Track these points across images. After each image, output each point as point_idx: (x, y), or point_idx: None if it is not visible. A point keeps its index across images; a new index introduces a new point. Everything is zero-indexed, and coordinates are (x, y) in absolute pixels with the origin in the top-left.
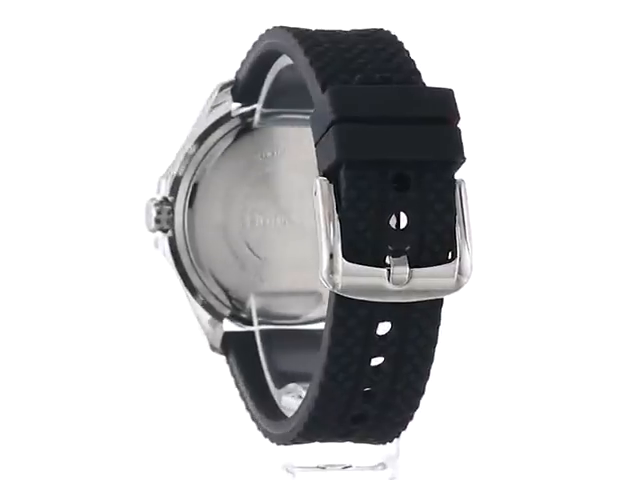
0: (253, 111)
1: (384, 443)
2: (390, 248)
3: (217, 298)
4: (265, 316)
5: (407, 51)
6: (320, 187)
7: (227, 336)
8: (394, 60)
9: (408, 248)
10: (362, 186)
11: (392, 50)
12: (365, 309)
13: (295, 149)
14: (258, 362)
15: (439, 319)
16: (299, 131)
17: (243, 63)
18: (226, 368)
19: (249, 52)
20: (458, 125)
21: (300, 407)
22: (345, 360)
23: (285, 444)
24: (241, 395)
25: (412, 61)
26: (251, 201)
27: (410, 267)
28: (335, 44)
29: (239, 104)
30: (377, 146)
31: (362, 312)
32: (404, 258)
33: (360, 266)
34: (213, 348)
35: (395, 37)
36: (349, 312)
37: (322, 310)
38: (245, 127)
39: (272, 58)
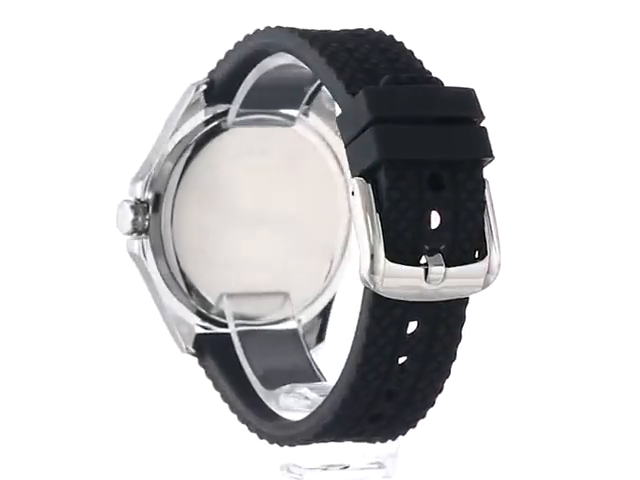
0: (225, 112)
1: (385, 441)
2: (426, 247)
3: (188, 299)
4: (236, 317)
5: (411, 51)
6: (359, 187)
7: (201, 338)
8: (401, 60)
9: (442, 247)
10: (402, 186)
11: (396, 50)
12: (399, 309)
13: (266, 150)
14: (238, 363)
15: (464, 317)
16: (270, 131)
17: (222, 63)
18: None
19: (231, 52)
20: (483, 124)
21: (321, 407)
22: (377, 360)
23: (291, 445)
24: (224, 397)
25: (420, 61)
26: (222, 202)
27: (445, 266)
28: (342, 44)
29: (211, 104)
30: (414, 146)
31: (396, 312)
32: (439, 257)
33: (401, 266)
34: (187, 350)
35: (392, 37)
36: (385, 312)
37: (289, 310)
38: (216, 128)
39: (259, 58)
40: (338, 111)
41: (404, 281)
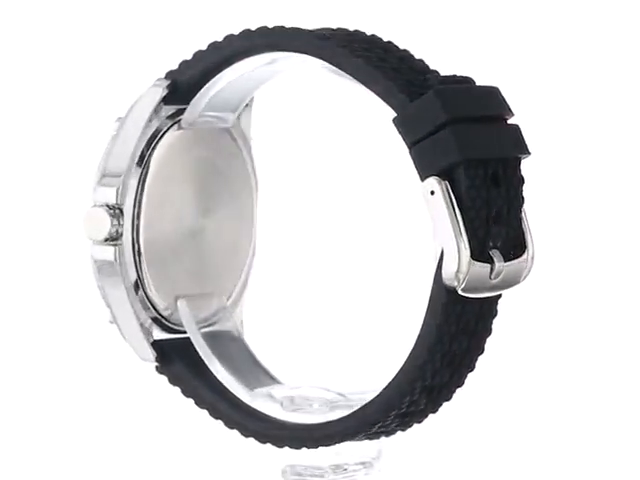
0: (179, 112)
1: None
2: (490, 244)
3: (147, 305)
4: (196, 321)
5: (406, 50)
6: (440, 187)
7: (161, 344)
8: (407, 60)
9: (499, 244)
10: (477, 185)
11: (394, 49)
12: (460, 305)
13: (207, 152)
14: (206, 366)
15: (497, 311)
16: (211, 133)
17: (191, 63)
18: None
19: (203, 52)
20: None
21: (367, 406)
22: (437, 357)
23: (310, 447)
24: (200, 403)
25: (421, 60)
26: (174, 204)
27: (504, 262)
28: (359, 45)
29: (170, 105)
30: (481, 145)
31: (458, 308)
32: (498, 253)
33: (480, 264)
34: (153, 358)
35: (379, 37)
36: (453, 309)
37: (227, 310)
38: (171, 129)
39: (235, 60)
40: (389, 112)
41: (478, 278)
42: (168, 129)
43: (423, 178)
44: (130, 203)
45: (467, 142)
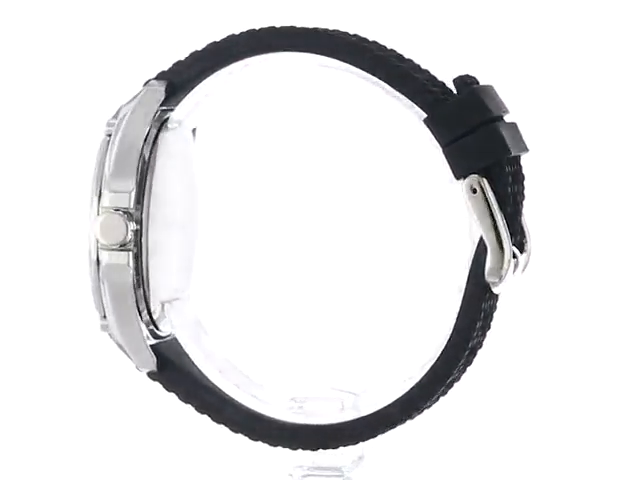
0: (164, 112)
1: None
2: (513, 240)
3: (144, 311)
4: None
5: (393, 49)
6: (482, 185)
7: (157, 349)
8: (403, 59)
9: (516, 239)
10: (510, 182)
11: (384, 48)
12: (488, 301)
13: (180, 154)
14: (199, 370)
15: (497, 307)
16: (180, 134)
17: (190, 64)
18: None
19: (202, 53)
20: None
21: (393, 405)
22: (466, 353)
23: (326, 448)
24: (201, 408)
25: (411, 59)
26: (163, 209)
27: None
28: (370, 45)
29: (163, 105)
30: (512, 143)
31: (486, 304)
32: (516, 248)
33: (513, 260)
34: (154, 365)
35: (365, 37)
36: (484, 305)
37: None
38: (162, 130)
39: (230, 60)
40: (419, 114)
41: (510, 274)
42: (159, 131)
43: (461, 176)
44: (138, 207)
45: (506, 140)
